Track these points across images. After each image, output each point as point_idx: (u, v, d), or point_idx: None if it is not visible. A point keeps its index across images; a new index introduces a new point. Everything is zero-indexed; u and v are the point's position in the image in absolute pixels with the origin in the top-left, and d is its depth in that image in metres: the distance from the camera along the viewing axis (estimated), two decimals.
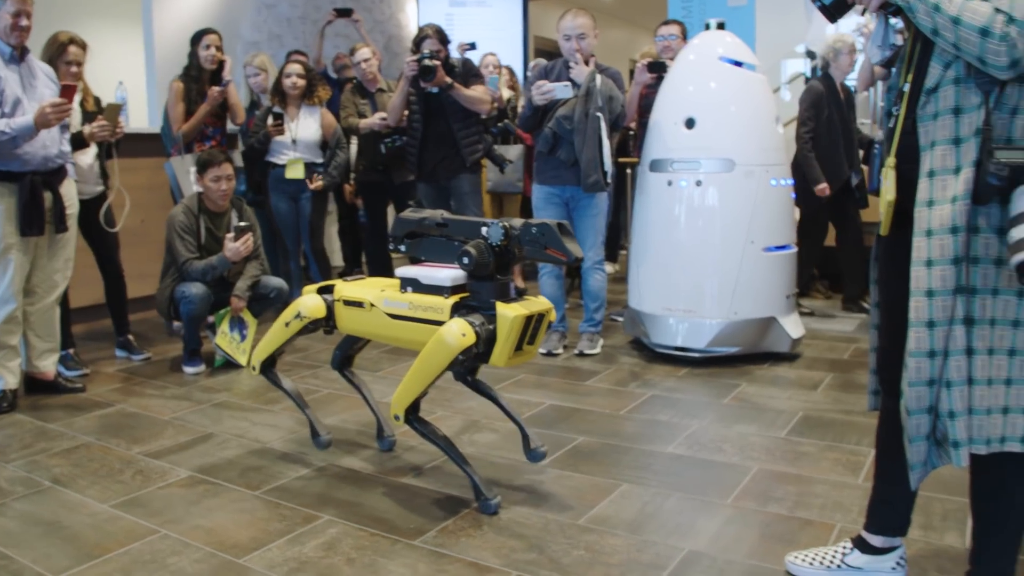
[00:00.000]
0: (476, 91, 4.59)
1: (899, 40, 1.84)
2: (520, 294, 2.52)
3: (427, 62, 4.40)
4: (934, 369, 1.68)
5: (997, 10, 1.55)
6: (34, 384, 3.68)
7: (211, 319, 4.18)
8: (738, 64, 3.95)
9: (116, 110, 3.87)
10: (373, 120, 5.00)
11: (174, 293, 4.00)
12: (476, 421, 3.27)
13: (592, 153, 4.01)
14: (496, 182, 5.17)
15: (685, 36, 4.82)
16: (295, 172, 4.90)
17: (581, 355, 4.25)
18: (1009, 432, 1.70)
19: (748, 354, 4.01)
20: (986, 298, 1.67)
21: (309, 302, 2.76)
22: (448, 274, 2.52)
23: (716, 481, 2.67)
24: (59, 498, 2.62)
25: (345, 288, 2.74)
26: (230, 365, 4.13)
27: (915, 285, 1.69)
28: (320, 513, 2.47)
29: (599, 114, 4.00)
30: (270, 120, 4.83)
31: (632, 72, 5.01)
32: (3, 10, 3.18)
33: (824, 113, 4.81)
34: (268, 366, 2.94)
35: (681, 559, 2.16)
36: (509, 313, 2.36)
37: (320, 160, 4.98)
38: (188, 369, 4.05)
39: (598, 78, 4.04)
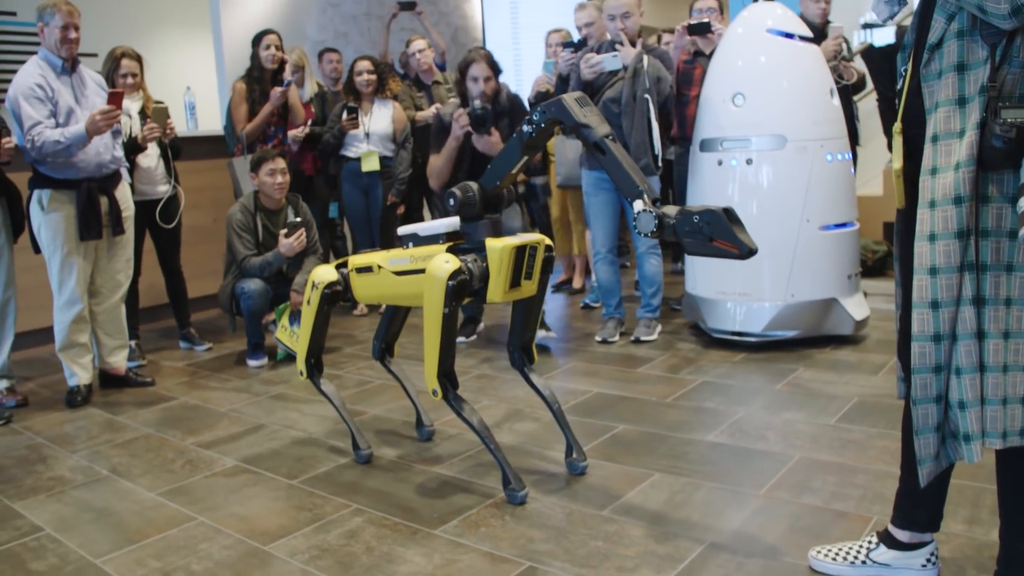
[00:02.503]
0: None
1: None
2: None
3: (479, 111, 3.97)
4: (940, 354, 1.56)
5: None
6: (108, 379, 3.88)
7: (272, 315, 4.31)
8: (789, 36, 3.79)
9: (163, 113, 4.05)
10: (427, 113, 5.03)
11: (235, 289, 4.14)
12: (520, 410, 3.26)
13: (641, 136, 3.93)
14: (566, 176, 5.04)
15: (723, 10, 4.64)
16: (371, 164, 5.00)
17: (637, 342, 4.18)
18: None
19: (810, 338, 3.86)
20: (999, 275, 1.53)
21: (320, 271, 2.83)
22: (443, 222, 2.56)
23: (753, 470, 2.58)
24: (113, 486, 2.76)
25: (357, 258, 2.81)
26: (291, 358, 4.24)
27: (918, 262, 1.57)
28: (350, 502, 2.52)
29: (647, 96, 3.91)
30: (344, 115, 4.94)
31: None
32: (52, 24, 3.35)
33: None
34: (314, 369, 2.95)
35: (699, 553, 2.10)
36: (497, 245, 2.39)
37: (391, 153, 5.06)
38: (251, 362, 4.19)
39: (645, 59, 3.95)
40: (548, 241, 2.55)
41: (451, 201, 2.47)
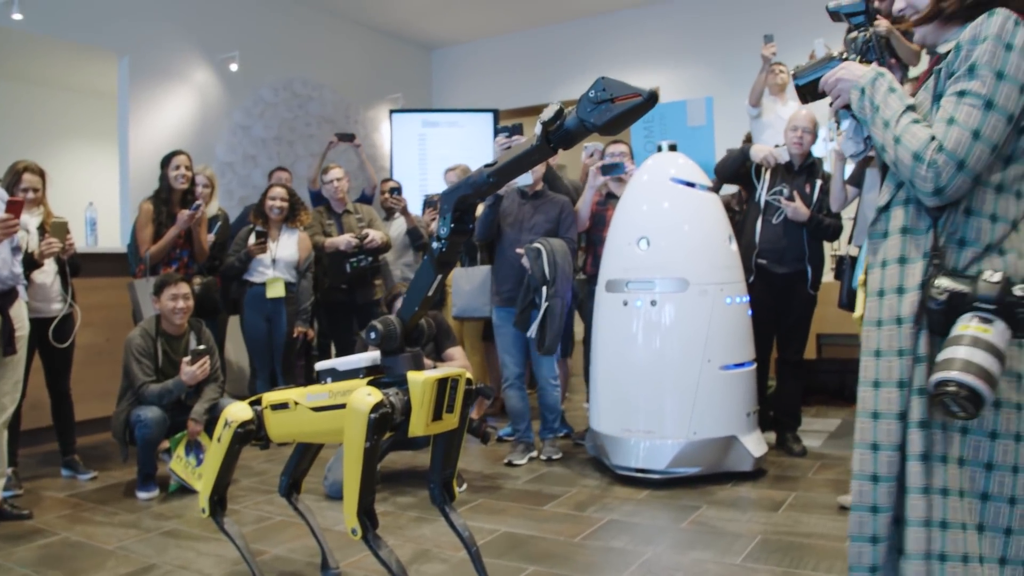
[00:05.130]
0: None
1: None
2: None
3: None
4: (876, 495, 1.67)
5: (932, 137, 1.58)
6: None
7: (167, 443, 4.12)
8: (691, 185, 4.05)
9: (62, 228, 3.97)
10: (339, 240, 5.08)
11: (129, 417, 3.96)
12: (427, 551, 3.19)
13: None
14: (462, 307, 5.09)
15: (632, 156, 4.93)
16: (276, 291, 4.96)
17: (549, 460, 4.42)
18: None
19: (711, 474, 3.96)
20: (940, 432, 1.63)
21: (234, 408, 2.73)
22: (363, 356, 2.52)
23: None
24: None
25: (271, 395, 2.73)
26: (184, 490, 4.04)
27: (861, 406, 1.70)
28: None
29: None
30: (251, 239, 4.90)
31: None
32: None
33: None
34: (217, 507, 2.82)
35: None
36: (419, 377, 2.37)
37: (295, 280, 5.05)
38: (141, 494, 3.96)
39: (544, 262, 4.17)
40: (468, 374, 2.56)
41: (372, 334, 2.46)
